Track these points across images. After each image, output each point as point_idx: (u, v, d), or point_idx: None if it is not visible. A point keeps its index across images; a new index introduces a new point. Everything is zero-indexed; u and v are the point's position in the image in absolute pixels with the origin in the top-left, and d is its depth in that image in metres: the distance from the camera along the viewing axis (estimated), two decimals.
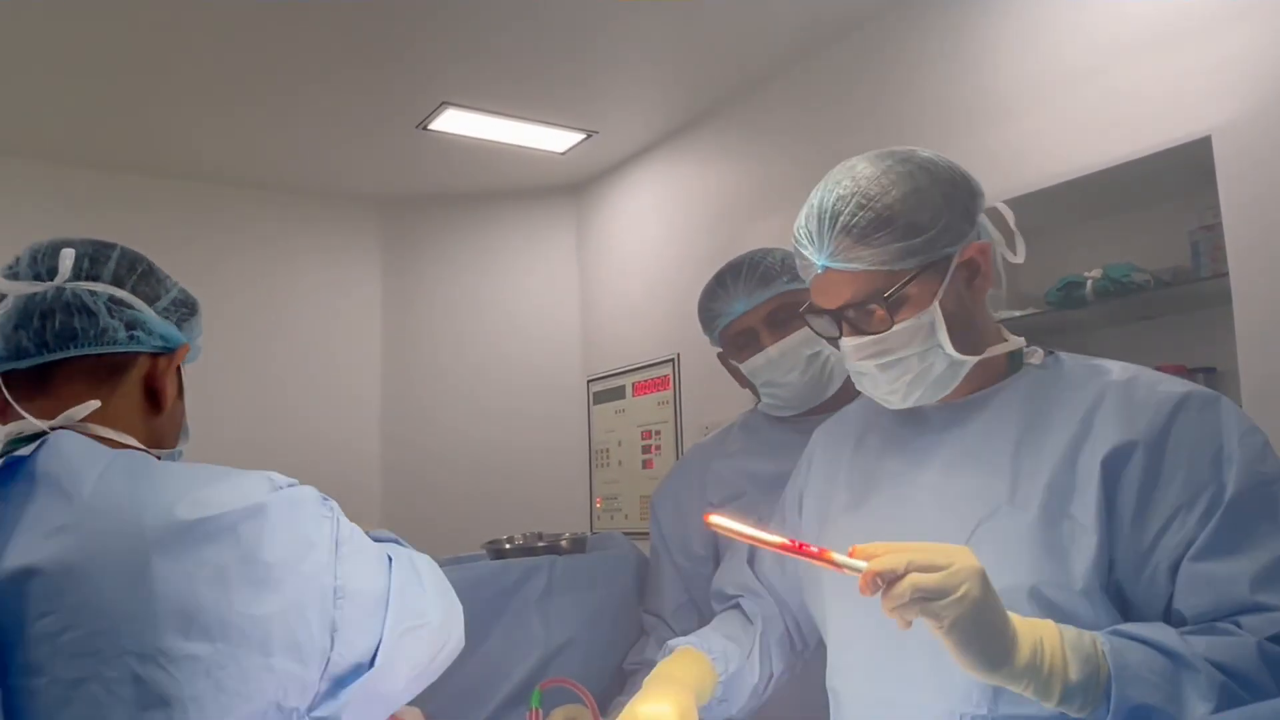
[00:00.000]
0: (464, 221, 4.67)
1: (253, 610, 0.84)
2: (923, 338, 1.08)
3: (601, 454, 4.32)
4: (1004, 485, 1.05)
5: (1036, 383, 1.12)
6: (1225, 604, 0.94)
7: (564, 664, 1.64)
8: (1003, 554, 1.00)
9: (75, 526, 0.83)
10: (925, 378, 1.10)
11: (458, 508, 4.34)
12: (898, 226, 1.05)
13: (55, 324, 0.99)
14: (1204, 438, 0.99)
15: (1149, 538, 0.97)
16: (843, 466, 1.27)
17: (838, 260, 1.08)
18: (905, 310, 1.07)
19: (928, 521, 1.10)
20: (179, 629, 0.81)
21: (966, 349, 1.09)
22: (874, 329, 1.09)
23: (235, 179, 4.32)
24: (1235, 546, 0.95)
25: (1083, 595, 0.97)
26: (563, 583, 1.72)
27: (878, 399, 1.16)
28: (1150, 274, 2.29)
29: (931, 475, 1.13)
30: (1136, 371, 1.08)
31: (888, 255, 1.05)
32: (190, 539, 0.85)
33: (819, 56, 3.26)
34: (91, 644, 0.79)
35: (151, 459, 0.98)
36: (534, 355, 4.56)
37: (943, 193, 1.08)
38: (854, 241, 1.06)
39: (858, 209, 1.06)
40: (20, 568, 0.80)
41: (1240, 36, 2.10)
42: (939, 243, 1.07)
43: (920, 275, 1.07)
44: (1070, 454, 1.03)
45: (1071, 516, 1.00)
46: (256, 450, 4.32)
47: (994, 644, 0.87)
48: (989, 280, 1.12)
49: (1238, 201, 2.07)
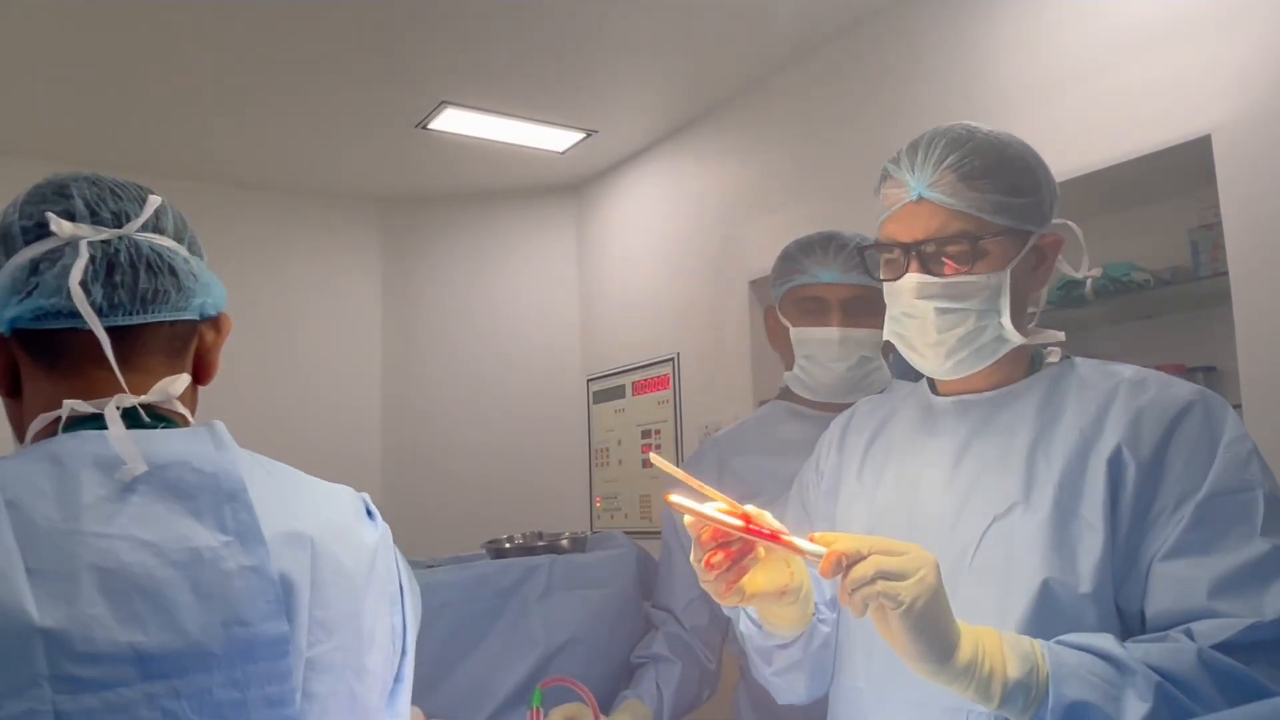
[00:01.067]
0: (464, 221, 4.67)
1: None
2: (987, 297, 1.08)
3: (601, 453, 4.32)
4: (1019, 483, 1.05)
5: (1053, 383, 1.12)
6: (1183, 607, 0.94)
7: (564, 663, 1.64)
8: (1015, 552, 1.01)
9: (298, 539, 0.82)
10: (973, 340, 1.10)
11: (458, 507, 4.34)
12: (1003, 181, 1.08)
13: (137, 281, 0.85)
14: (1201, 444, 1.00)
15: (1137, 538, 0.99)
16: (858, 457, 1.27)
17: (936, 191, 1.08)
18: (983, 264, 1.08)
19: (942, 515, 1.10)
20: (369, 650, 0.85)
21: (1017, 327, 1.10)
22: (943, 272, 1.09)
23: (235, 178, 4.31)
24: (1201, 549, 0.95)
25: (1091, 596, 0.97)
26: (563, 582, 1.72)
27: (916, 353, 1.14)
28: (1150, 273, 2.29)
29: (947, 470, 1.13)
30: (1147, 374, 1.08)
31: (986, 204, 1.07)
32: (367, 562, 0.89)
33: (818, 56, 3.26)
34: (329, 659, 0.80)
35: (274, 463, 0.95)
36: (533, 355, 4.56)
37: (1042, 176, 1.12)
38: (958, 178, 1.08)
39: (972, 152, 1.09)
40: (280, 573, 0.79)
41: (1240, 36, 2.10)
42: (1029, 215, 1.10)
43: (1005, 236, 1.08)
44: (1081, 454, 1.03)
45: (1080, 516, 1.00)
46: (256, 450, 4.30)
47: (943, 636, 0.88)
48: (1049, 273, 1.14)
49: (1237, 200, 2.07)
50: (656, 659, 1.70)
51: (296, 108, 3.58)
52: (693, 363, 3.79)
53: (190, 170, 4.17)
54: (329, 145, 3.97)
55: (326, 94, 3.47)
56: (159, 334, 0.88)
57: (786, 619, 1.11)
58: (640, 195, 4.20)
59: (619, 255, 4.33)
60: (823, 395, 1.65)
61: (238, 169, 4.21)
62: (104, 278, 0.83)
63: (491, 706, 1.57)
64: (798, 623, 1.13)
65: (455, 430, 4.52)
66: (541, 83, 3.43)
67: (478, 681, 1.58)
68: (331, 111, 3.62)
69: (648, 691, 1.65)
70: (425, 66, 3.29)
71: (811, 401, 1.69)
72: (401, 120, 3.70)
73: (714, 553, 0.97)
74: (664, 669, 1.68)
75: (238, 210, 4.39)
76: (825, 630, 1.19)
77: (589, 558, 1.82)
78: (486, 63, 3.27)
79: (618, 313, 4.30)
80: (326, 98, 3.50)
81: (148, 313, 0.86)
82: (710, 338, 3.66)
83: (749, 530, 0.92)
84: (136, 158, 3.99)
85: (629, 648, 1.76)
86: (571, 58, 3.26)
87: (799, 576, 1.05)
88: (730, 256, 3.59)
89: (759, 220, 3.48)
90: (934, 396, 1.21)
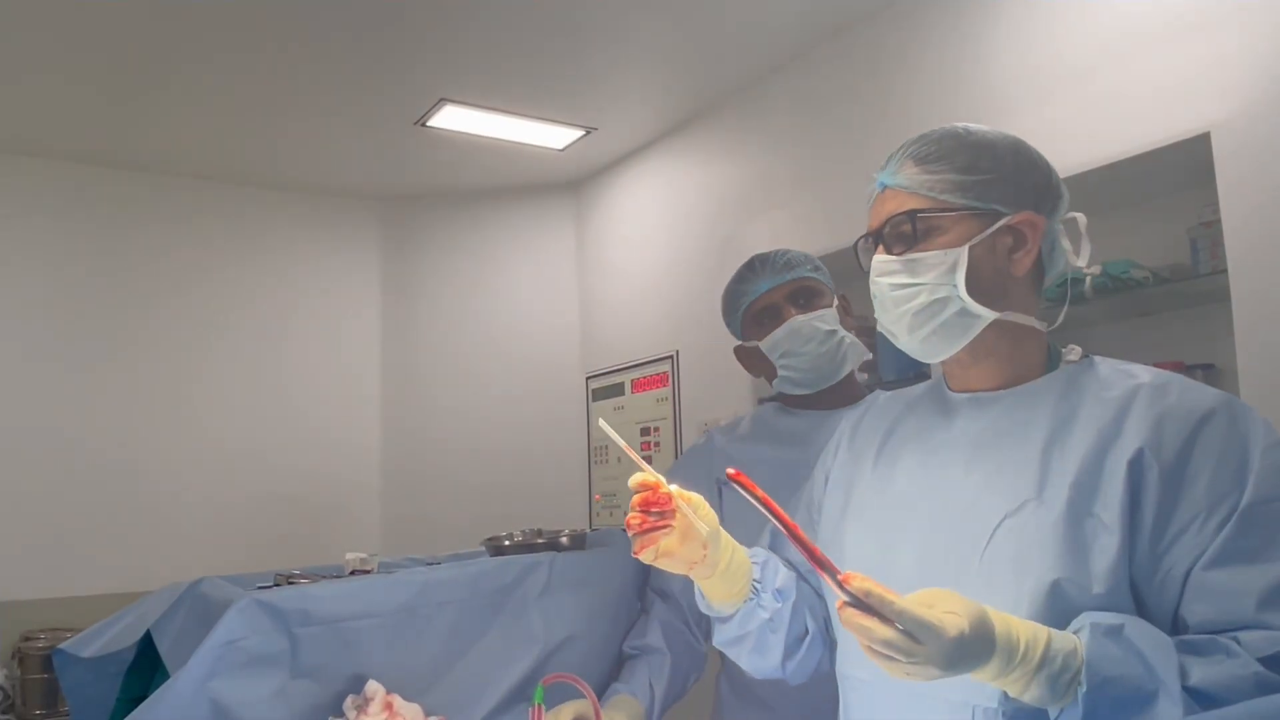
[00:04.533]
0: (463, 218, 4.67)
1: None
2: (941, 273, 1.10)
3: (600, 450, 4.33)
4: (1032, 481, 1.05)
5: (1071, 381, 1.12)
6: (1229, 616, 0.93)
7: (564, 660, 1.64)
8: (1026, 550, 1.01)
9: None
10: (933, 316, 1.12)
11: (457, 504, 4.34)
12: (956, 162, 1.12)
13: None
14: (1229, 448, 0.99)
15: (1164, 542, 0.97)
16: (871, 451, 1.27)
17: (896, 178, 1.15)
18: (935, 240, 1.11)
19: (954, 510, 1.10)
20: None
21: (985, 303, 1.11)
22: (900, 250, 1.13)
23: (235, 176, 4.31)
24: (1247, 558, 0.94)
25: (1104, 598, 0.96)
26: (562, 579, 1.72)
27: (889, 333, 1.18)
28: (1149, 270, 2.29)
29: (961, 466, 1.13)
30: (1169, 378, 1.08)
31: (938, 184, 1.12)
32: None
33: (817, 53, 3.26)
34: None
35: None
36: (533, 352, 4.56)
37: (1013, 159, 1.14)
38: (914, 163, 1.14)
39: (935, 140, 1.15)
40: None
41: (1239, 33, 2.10)
42: (990, 194, 1.11)
43: (962, 216, 1.11)
44: (1098, 454, 1.03)
45: (1095, 515, 1.00)
46: (256, 448, 4.32)
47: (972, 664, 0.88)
48: (1031, 257, 1.13)
49: (1237, 198, 2.07)
50: (649, 650, 1.72)
51: (295, 105, 3.58)
52: (692, 360, 3.79)
53: (191, 168, 4.17)
54: (328, 142, 3.97)
55: (325, 91, 3.47)
56: None
57: (713, 593, 1.20)
58: (639, 192, 4.20)
59: (618, 252, 4.33)
60: (810, 384, 1.75)
61: (237, 166, 4.20)
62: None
63: (491, 703, 1.57)
64: (726, 598, 1.20)
65: (454, 427, 4.52)
66: (541, 80, 3.43)
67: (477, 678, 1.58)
68: (330, 109, 3.62)
69: (640, 686, 1.67)
70: (424, 64, 3.28)
71: (803, 399, 1.79)
72: (401, 118, 3.70)
73: (638, 515, 1.07)
74: (656, 661, 1.70)
75: (237, 207, 4.40)
76: (764, 615, 1.23)
77: (588, 555, 1.82)
78: (485, 60, 3.27)
79: (617, 310, 4.30)
80: (325, 95, 3.50)
81: None
82: (709, 335, 3.66)
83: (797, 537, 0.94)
84: (137, 155, 3.99)
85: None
86: (571, 55, 3.26)
87: (719, 557, 1.14)
88: (730, 253, 3.58)
89: (758, 217, 3.48)
90: (950, 393, 1.21)
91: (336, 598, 1.49)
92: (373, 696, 1.43)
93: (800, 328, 1.71)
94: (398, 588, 1.55)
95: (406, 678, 1.49)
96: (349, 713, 1.43)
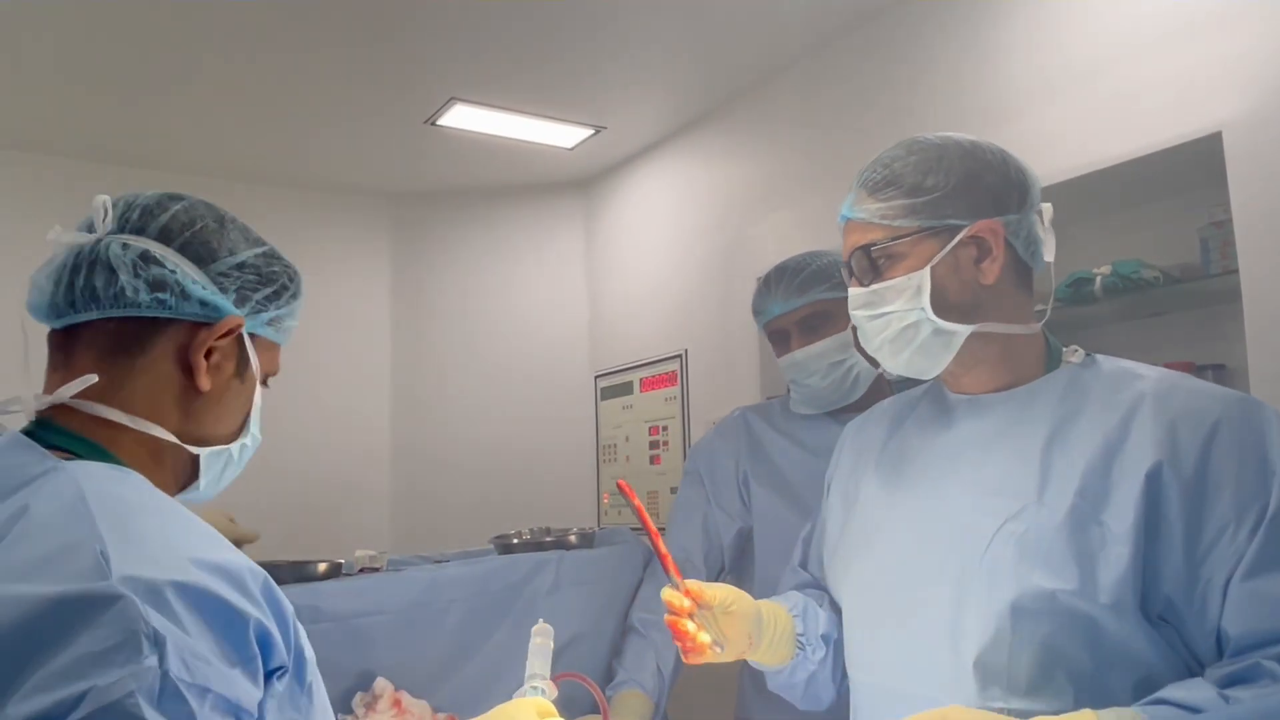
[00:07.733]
0: (472, 217, 4.68)
1: None
2: (908, 297, 1.11)
3: (609, 449, 4.33)
4: (1033, 481, 1.04)
5: (1073, 381, 1.11)
6: (1271, 624, 0.92)
7: (572, 658, 1.64)
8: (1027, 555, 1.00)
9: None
10: (910, 340, 1.12)
11: (466, 502, 4.35)
12: (904, 186, 1.12)
13: (80, 281, 0.86)
14: (1248, 450, 0.97)
15: (1198, 554, 0.96)
16: (873, 456, 1.27)
17: (855, 210, 1.17)
18: (898, 267, 1.12)
19: (954, 514, 1.09)
20: None
21: (957, 319, 1.10)
22: (867, 282, 1.15)
23: (244, 175, 4.33)
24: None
25: (1110, 608, 0.95)
26: (570, 577, 1.73)
27: (874, 354, 1.20)
28: (1159, 270, 2.28)
29: (962, 467, 1.13)
30: (1176, 379, 1.07)
31: (891, 211, 1.12)
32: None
33: (827, 52, 3.25)
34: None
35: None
36: (542, 350, 4.57)
37: (964, 168, 1.12)
38: (868, 194, 1.15)
39: (879, 167, 1.15)
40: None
41: (1251, 31, 2.09)
42: (943, 210, 1.10)
43: (920, 238, 1.11)
44: (1104, 459, 1.01)
45: (1103, 524, 0.98)
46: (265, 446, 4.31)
47: None
48: (999, 263, 1.12)
49: (1248, 198, 2.06)
50: (654, 627, 1.71)
51: (306, 104, 3.59)
52: (701, 359, 3.79)
53: (200, 166, 4.18)
54: (338, 141, 3.98)
55: (336, 90, 3.48)
56: (100, 331, 0.88)
57: (763, 660, 1.27)
58: (649, 191, 4.20)
59: (627, 251, 4.33)
60: (820, 407, 1.78)
61: (247, 165, 4.22)
62: (63, 279, 0.88)
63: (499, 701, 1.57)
64: (775, 662, 1.27)
65: (464, 425, 4.53)
66: (550, 79, 3.44)
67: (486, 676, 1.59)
68: (341, 108, 3.63)
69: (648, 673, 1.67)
70: (434, 63, 3.29)
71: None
72: (411, 116, 3.71)
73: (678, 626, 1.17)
74: (662, 640, 1.70)
75: (247, 206, 4.33)
76: (811, 667, 1.28)
77: (596, 553, 1.83)
78: (495, 59, 3.28)
79: (626, 309, 4.31)
80: (336, 94, 3.51)
81: (88, 310, 0.87)
82: (718, 334, 3.66)
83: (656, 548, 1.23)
84: (148, 154, 4.01)
85: None
86: (580, 54, 3.26)
87: (763, 638, 1.23)
88: (739, 253, 3.59)
89: (768, 217, 3.48)
90: (950, 395, 1.21)
91: (345, 594, 1.49)
92: (381, 693, 1.44)
93: (805, 362, 1.73)
94: (406, 585, 1.56)
95: (415, 675, 1.50)
96: (357, 709, 1.43)
